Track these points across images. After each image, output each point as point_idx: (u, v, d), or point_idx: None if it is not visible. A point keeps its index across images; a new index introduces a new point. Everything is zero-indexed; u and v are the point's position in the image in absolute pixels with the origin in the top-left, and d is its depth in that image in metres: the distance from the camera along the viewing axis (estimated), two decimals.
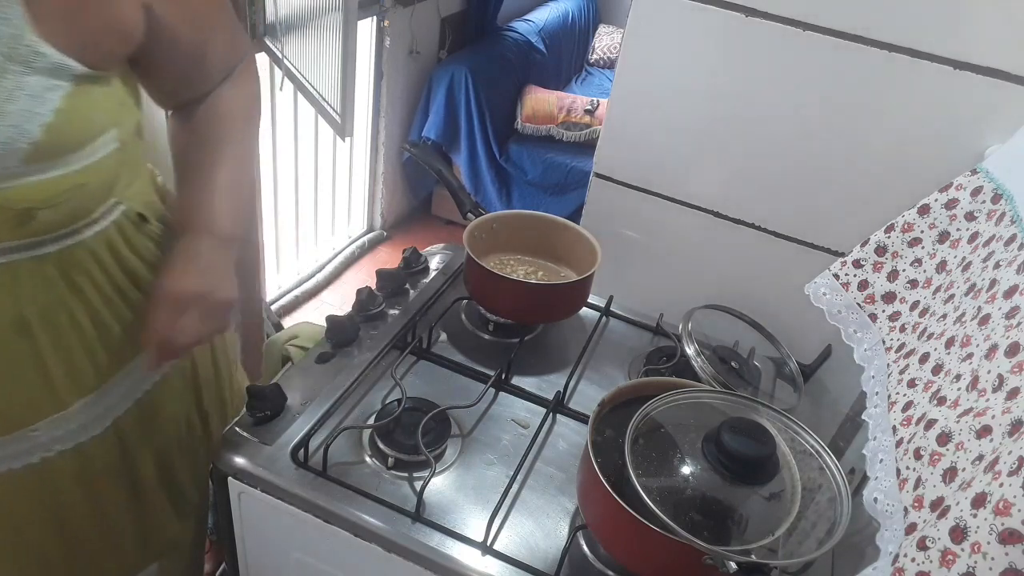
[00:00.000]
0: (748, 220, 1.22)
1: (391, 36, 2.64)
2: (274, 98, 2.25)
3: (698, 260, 1.29)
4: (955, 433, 0.67)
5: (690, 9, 1.10)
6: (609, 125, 1.24)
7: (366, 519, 0.80)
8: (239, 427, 0.88)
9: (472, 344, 1.10)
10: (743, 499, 0.74)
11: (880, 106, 1.05)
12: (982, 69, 0.98)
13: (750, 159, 1.17)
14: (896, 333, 0.93)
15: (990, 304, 0.74)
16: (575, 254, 1.14)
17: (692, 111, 1.17)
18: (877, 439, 0.80)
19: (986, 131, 1.00)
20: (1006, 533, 0.52)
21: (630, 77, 1.19)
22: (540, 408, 0.99)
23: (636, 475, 0.71)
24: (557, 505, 0.86)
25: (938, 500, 0.64)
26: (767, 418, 0.81)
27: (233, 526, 0.91)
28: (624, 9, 1.19)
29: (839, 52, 1.04)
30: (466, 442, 0.92)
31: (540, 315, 1.11)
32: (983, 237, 0.86)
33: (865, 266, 0.99)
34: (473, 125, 2.94)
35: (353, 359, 1.00)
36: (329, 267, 2.86)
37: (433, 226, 3.32)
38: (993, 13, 0.95)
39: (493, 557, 0.78)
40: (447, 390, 0.99)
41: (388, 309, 1.10)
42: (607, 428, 0.81)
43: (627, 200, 1.28)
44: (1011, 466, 0.54)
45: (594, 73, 3.90)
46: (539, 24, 3.42)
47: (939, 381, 0.76)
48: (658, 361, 1.09)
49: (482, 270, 1.05)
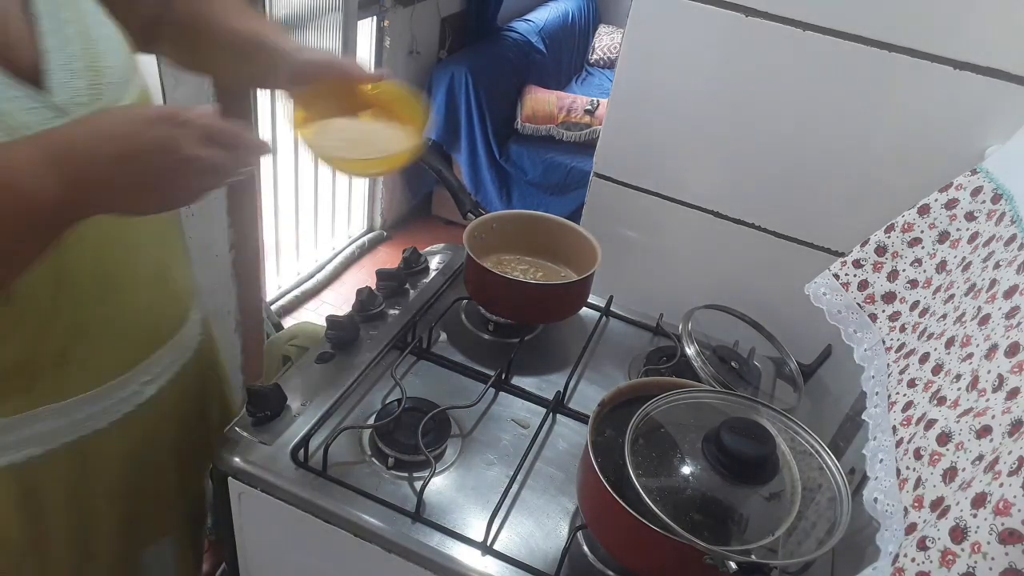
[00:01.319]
0: (748, 220, 1.22)
1: (391, 36, 2.64)
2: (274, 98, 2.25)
3: (698, 260, 1.29)
4: (955, 433, 0.67)
5: (690, 9, 1.10)
6: (609, 125, 1.24)
7: (366, 519, 0.80)
8: (239, 427, 0.88)
9: (472, 344, 1.10)
10: (743, 499, 0.74)
11: (880, 106, 1.05)
12: (982, 69, 0.98)
13: (750, 159, 1.17)
14: (896, 333, 0.93)
15: (990, 304, 0.74)
16: (575, 254, 1.14)
17: (692, 111, 1.17)
18: (877, 439, 0.80)
19: (986, 131, 1.00)
20: (1006, 533, 0.52)
21: (630, 77, 1.19)
22: (540, 408, 0.99)
23: (636, 475, 0.71)
24: (557, 505, 0.86)
25: (938, 500, 0.64)
26: (767, 418, 0.81)
27: (233, 526, 0.91)
28: (624, 9, 1.19)
29: (839, 52, 1.04)
30: (466, 442, 0.92)
31: (540, 315, 1.11)
32: (983, 237, 0.86)
33: (865, 266, 0.99)
34: (473, 125, 2.94)
35: (353, 359, 1.00)
36: (329, 267, 2.86)
37: (433, 226, 3.32)
38: (993, 13, 0.95)
39: (493, 557, 0.78)
40: (447, 390, 0.99)
41: (388, 309, 1.10)
42: (607, 428, 0.81)
43: (627, 200, 1.28)
44: (1011, 466, 0.54)
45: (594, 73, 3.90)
46: (539, 24, 3.42)
47: (939, 381, 0.76)
48: (658, 361, 1.09)
49: (482, 270, 1.05)
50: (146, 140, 0.60)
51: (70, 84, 0.68)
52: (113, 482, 0.88)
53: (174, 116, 0.61)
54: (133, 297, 0.81)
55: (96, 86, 0.70)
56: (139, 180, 0.61)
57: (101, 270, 0.76)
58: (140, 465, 0.90)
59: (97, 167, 0.60)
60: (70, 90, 0.68)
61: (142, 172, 0.61)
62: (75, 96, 0.68)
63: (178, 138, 0.61)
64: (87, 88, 0.70)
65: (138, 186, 0.62)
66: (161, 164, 0.61)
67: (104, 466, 0.86)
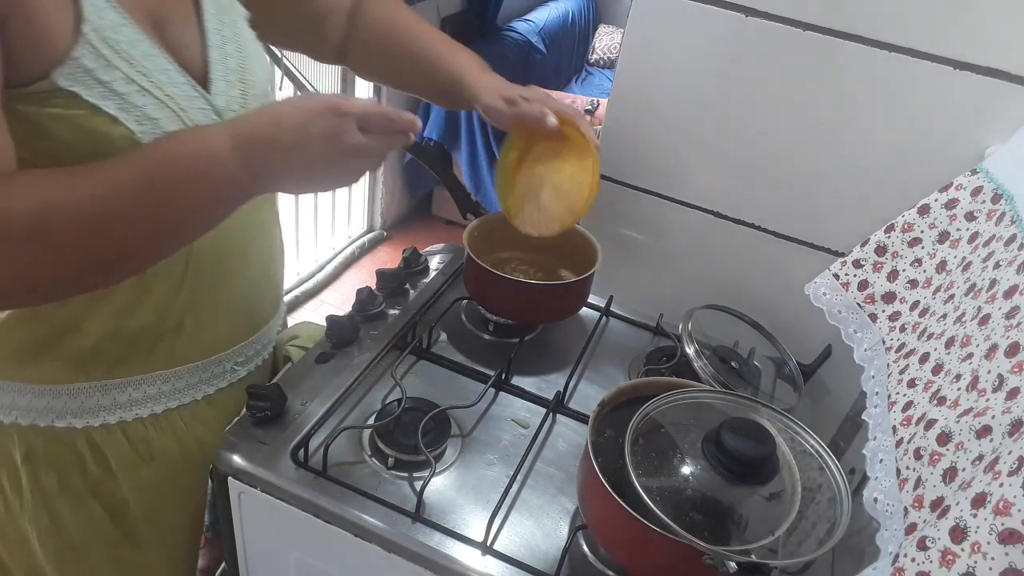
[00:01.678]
0: (748, 220, 1.22)
1: None
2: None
3: (698, 260, 1.29)
4: (955, 433, 0.67)
5: (690, 9, 1.09)
6: (609, 125, 1.24)
7: (366, 519, 0.80)
8: (239, 427, 0.88)
9: (472, 344, 1.10)
10: (743, 499, 0.74)
11: (880, 106, 1.05)
12: (982, 69, 0.98)
13: (750, 159, 1.17)
14: (896, 333, 0.93)
15: (990, 304, 0.74)
16: (575, 254, 1.14)
17: (692, 111, 1.17)
18: (877, 439, 0.80)
19: (986, 131, 1.00)
20: (1006, 533, 0.52)
21: (630, 77, 1.19)
22: (540, 408, 0.99)
23: (636, 475, 0.71)
24: (557, 505, 0.86)
25: (938, 500, 0.65)
26: (767, 418, 0.81)
27: (233, 526, 0.91)
28: (624, 9, 1.19)
29: (839, 52, 1.04)
30: (466, 442, 0.92)
31: (540, 315, 1.11)
32: (983, 237, 0.86)
33: (865, 266, 0.99)
34: (473, 125, 2.94)
35: (353, 359, 1.00)
36: (329, 267, 2.86)
37: (433, 226, 3.32)
38: (993, 13, 0.94)
39: (493, 557, 0.78)
40: (447, 390, 0.99)
41: (388, 309, 1.10)
42: (607, 428, 0.81)
43: (627, 200, 1.27)
44: (1011, 466, 0.54)
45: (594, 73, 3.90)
46: (539, 24, 3.42)
47: (939, 381, 0.76)
48: (658, 361, 1.09)
49: (482, 270, 1.05)
50: (314, 131, 0.68)
51: (227, 92, 0.79)
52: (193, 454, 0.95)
53: (336, 107, 0.69)
54: (242, 281, 0.90)
55: (245, 95, 0.81)
56: (307, 165, 0.70)
57: (222, 251, 0.85)
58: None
59: (274, 153, 0.69)
60: (226, 97, 0.79)
61: (310, 158, 0.69)
62: (230, 103, 0.79)
63: (340, 128, 0.69)
64: (239, 96, 0.81)
65: (306, 170, 0.71)
66: (327, 151, 0.69)
67: (189, 435, 0.93)
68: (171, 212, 0.68)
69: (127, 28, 0.68)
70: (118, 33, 0.67)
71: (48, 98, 0.65)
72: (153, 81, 0.70)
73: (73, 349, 0.81)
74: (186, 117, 0.73)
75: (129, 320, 0.81)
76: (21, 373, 0.81)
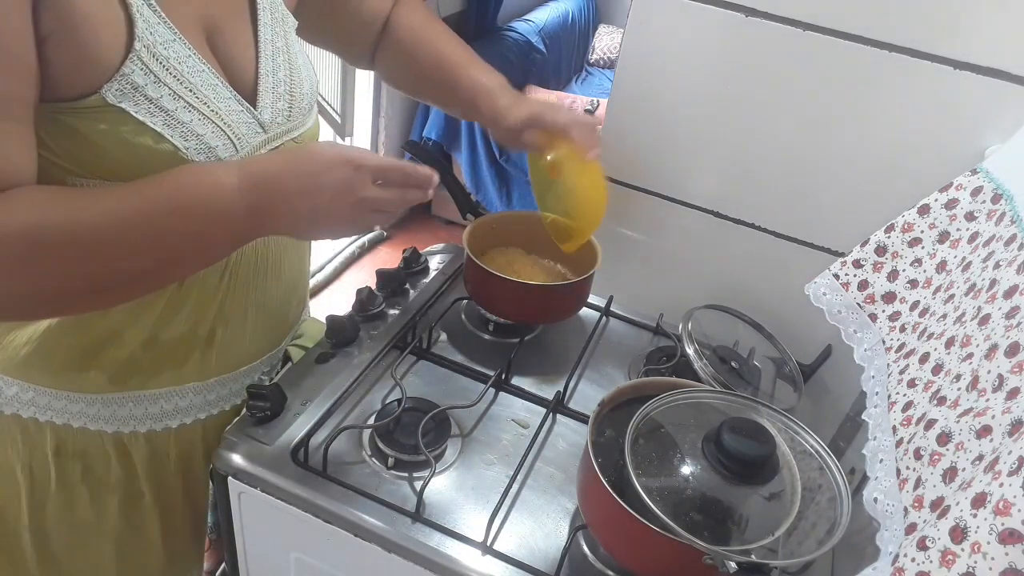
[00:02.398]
0: (748, 220, 1.22)
1: None
2: None
3: (698, 260, 1.28)
4: (955, 433, 0.67)
5: (690, 9, 1.09)
6: (609, 125, 1.24)
7: (366, 519, 0.80)
8: (239, 427, 0.88)
9: (472, 344, 1.10)
10: (743, 499, 0.74)
11: (880, 106, 1.05)
12: (982, 69, 0.97)
13: (750, 159, 1.17)
14: (896, 333, 0.93)
15: (990, 304, 0.74)
16: (575, 254, 1.14)
17: (692, 111, 1.17)
18: (877, 439, 0.80)
19: (986, 131, 1.00)
20: (1006, 533, 0.52)
21: (630, 77, 1.19)
22: (540, 408, 0.99)
23: (636, 475, 0.71)
24: (557, 505, 0.86)
25: (938, 500, 0.65)
26: (767, 418, 0.81)
27: (233, 526, 0.91)
28: (624, 9, 1.18)
29: (839, 52, 1.04)
30: (466, 442, 0.92)
31: (540, 315, 1.11)
32: (983, 237, 0.86)
33: (865, 266, 0.99)
34: (473, 125, 2.94)
35: (353, 359, 1.00)
36: (329, 267, 2.86)
37: (433, 226, 3.32)
38: (993, 13, 0.94)
39: (493, 557, 0.78)
40: (447, 390, 0.99)
41: (388, 309, 1.10)
42: (607, 428, 0.81)
43: (627, 200, 1.27)
44: (1011, 466, 0.54)
45: (594, 73, 3.90)
46: (539, 24, 3.42)
47: (939, 381, 0.76)
48: (658, 361, 1.09)
49: (482, 270, 1.05)
50: (325, 181, 0.69)
51: (274, 106, 0.79)
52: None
53: (353, 160, 0.69)
54: (273, 293, 0.91)
55: (291, 109, 0.81)
56: (313, 213, 0.70)
57: (259, 262, 0.86)
58: None
59: (280, 198, 0.69)
60: (273, 111, 0.79)
61: (317, 207, 0.69)
62: (276, 116, 0.79)
63: (354, 181, 0.69)
64: (286, 110, 0.80)
65: (312, 218, 0.70)
66: (336, 203, 0.69)
67: (214, 440, 0.92)
68: (168, 247, 0.69)
69: (177, 44, 0.68)
70: (168, 49, 0.67)
71: (97, 113, 0.65)
72: (199, 97, 0.70)
73: (110, 359, 0.82)
74: (231, 132, 0.73)
75: (165, 328, 0.82)
76: (61, 382, 0.82)
